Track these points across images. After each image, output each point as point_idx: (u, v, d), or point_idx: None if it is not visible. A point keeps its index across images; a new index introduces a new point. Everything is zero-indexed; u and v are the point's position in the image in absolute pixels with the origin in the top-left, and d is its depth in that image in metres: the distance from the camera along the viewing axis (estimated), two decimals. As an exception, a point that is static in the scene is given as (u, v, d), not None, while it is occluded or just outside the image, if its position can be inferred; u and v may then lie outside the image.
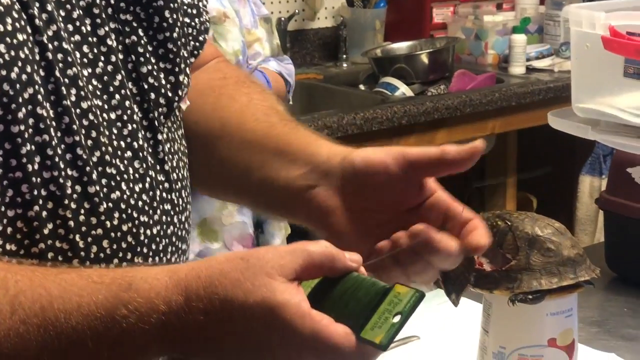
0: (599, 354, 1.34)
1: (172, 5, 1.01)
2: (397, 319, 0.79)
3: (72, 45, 0.92)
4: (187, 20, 1.07)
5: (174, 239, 0.99)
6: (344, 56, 3.70)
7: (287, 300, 0.78)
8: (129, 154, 0.94)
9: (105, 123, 0.93)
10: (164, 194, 0.98)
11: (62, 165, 0.88)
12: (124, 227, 0.92)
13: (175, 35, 1.01)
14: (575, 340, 1.18)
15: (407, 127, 2.98)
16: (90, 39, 0.94)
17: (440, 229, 0.94)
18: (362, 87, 3.43)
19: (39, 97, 0.87)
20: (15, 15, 0.87)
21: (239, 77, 1.17)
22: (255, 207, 1.18)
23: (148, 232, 0.95)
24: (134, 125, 0.96)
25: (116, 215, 0.92)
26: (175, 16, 1.02)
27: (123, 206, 0.92)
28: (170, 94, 1.00)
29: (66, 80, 0.90)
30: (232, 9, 2.27)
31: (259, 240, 2.31)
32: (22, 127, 0.85)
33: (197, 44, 1.10)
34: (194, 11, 1.09)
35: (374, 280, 0.84)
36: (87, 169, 0.90)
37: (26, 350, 0.79)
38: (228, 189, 1.14)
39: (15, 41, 0.86)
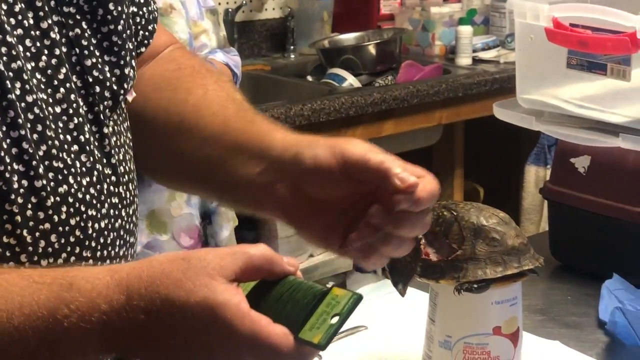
0: (543, 341, 1.36)
1: None
2: (335, 320, 0.80)
3: (15, 38, 0.91)
4: (134, 9, 1.06)
5: (122, 232, 0.99)
6: (292, 47, 3.70)
7: (228, 300, 0.78)
8: (75, 147, 0.94)
9: (50, 117, 0.92)
10: (112, 188, 0.98)
11: (8, 160, 0.87)
12: (72, 221, 0.92)
13: (120, 27, 1.01)
14: (519, 328, 1.20)
15: (355, 118, 2.99)
16: (33, 32, 0.93)
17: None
18: (309, 78, 3.43)
19: None
20: None
21: (194, 66, 1.15)
22: (223, 202, 1.18)
23: (96, 225, 0.95)
24: (80, 119, 0.95)
25: (64, 209, 0.91)
26: (120, 8, 1.01)
27: (71, 200, 0.92)
28: (115, 87, 0.99)
29: (10, 73, 0.89)
30: (179, 0, 2.27)
31: (206, 232, 2.31)
32: None
33: (147, 33, 1.09)
34: (142, 0, 1.08)
35: (312, 283, 0.84)
36: (34, 163, 0.89)
37: None
38: (190, 184, 1.14)
39: None
